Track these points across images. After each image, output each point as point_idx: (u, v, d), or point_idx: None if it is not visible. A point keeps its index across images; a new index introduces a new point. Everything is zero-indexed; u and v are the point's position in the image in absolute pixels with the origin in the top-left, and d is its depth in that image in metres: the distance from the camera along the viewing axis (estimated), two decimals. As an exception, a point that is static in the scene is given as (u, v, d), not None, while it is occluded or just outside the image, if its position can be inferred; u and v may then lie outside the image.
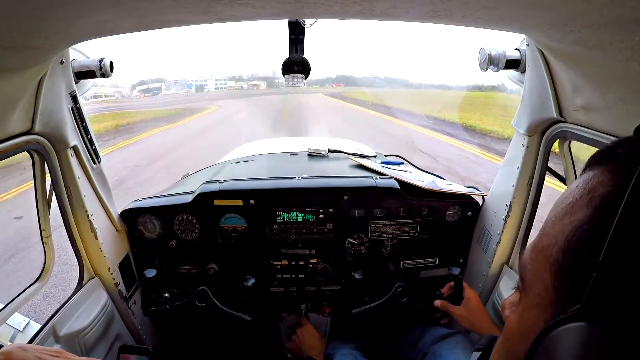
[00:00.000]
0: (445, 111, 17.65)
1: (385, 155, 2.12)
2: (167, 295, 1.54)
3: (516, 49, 1.16)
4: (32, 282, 1.20)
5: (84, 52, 1.17)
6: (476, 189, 1.59)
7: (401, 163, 1.86)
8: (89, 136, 1.24)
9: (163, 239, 1.52)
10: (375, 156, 2.06)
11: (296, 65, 1.30)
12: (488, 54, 1.16)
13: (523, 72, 1.15)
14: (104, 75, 1.17)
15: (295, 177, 1.51)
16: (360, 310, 1.55)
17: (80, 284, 1.32)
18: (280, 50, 1.31)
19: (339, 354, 1.42)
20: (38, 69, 0.91)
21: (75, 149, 1.19)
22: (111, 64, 1.17)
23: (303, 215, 1.50)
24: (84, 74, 1.16)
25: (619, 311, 0.29)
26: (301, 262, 1.57)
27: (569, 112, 0.99)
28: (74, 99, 1.15)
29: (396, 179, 1.51)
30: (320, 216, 1.50)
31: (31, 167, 1.15)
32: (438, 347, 1.31)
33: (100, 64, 1.14)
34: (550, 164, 1.22)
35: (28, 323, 1.26)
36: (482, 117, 15.30)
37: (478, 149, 9.82)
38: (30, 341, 1.09)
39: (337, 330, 1.89)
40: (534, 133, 1.18)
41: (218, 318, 1.57)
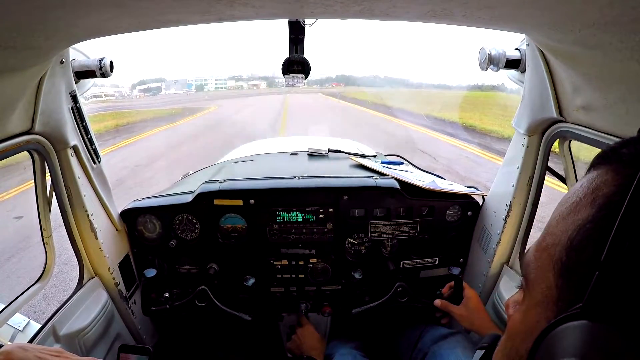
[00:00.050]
0: (446, 111, 17.63)
1: (385, 155, 2.12)
2: (167, 295, 1.54)
3: (516, 49, 1.16)
4: (33, 283, 1.20)
5: (84, 52, 1.17)
6: (476, 188, 1.59)
7: (401, 163, 1.86)
8: (89, 136, 1.24)
9: (163, 238, 1.52)
10: (375, 156, 2.06)
11: (296, 65, 1.29)
12: (488, 53, 1.16)
13: (523, 72, 1.15)
14: (104, 75, 1.17)
15: (295, 177, 1.51)
16: (360, 310, 1.56)
17: (80, 284, 1.32)
18: (280, 50, 1.31)
19: (338, 354, 1.42)
20: (38, 69, 0.91)
21: (75, 148, 1.19)
22: (111, 63, 1.17)
23: (303, 215, 1.50)
24: (84, 74, 1.16)
25: (621, 310, 0.29)
26: (301, 262, 1.57)
27: (569, 112, 0.99)
28: (74, 98, 1.15)
29: (396, 179, 1.51)
30: (320, 216, 1.50)
31: (31, 167, 1.15)
32: (438, 347, 1.31)
33: (100, 64, 1.14)
34: (550, 164, 1.22)
35: (28, 323, 1.26)
36: (482, 116, 15.28)
37: (478, 148, 9.82)
38: (30, 341, 1.09)
39: (337, 330, 1.89)
40: (534, 133, 1.18)
41: (218, 318, 1.57)
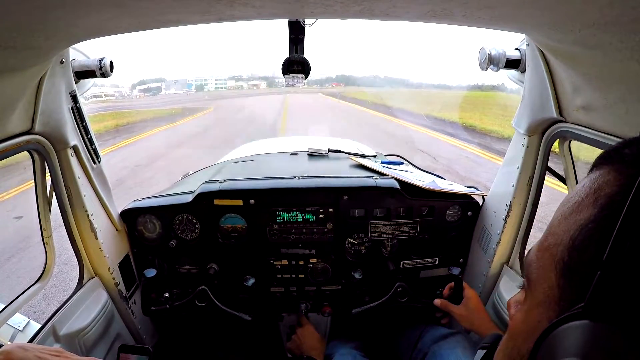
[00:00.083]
0: (445, 111, 17.64)
1: (385, 155, 2.12)
2: (167, 295, 1.54)
3: (516, 49, 1.16)
4: (33, 283, 1.20)
5: (84, 52, 1.17)
6: (476, 188, 1.59)
7: (401, 163, 1.86)
8: (89, 136, 1.24)
9: (163, 238, 1.52)
10: (375, 156, 2.06)
11: (296, 65, 1.29)
12: (488, 53, 1.16)
13: (523, 71, 1.15)
14: (104, 75, 1.17)
15: (295, 177, 1.51)
16: (360, 310, 1.56)
17: (80, 284, 1.32)
18: (280, 50, 1.31)
19: (338, 354, 1.42)
20: (38, 69, 0.91)
21: (75, 148, 1.19)
22: (111, 63, 1.17)
23: (303, 215, 1.50)
24: (84, 74, 1.16)
25: (622, 309, 0.29)
26: (301, 262, 1.57)
27: (569, 112, 0.99)
28: (74, 98, 1.15)
29: (396, 179, 1.50)
30: (320, 216, 1.50)
31: (31, 167, 1.15)
32: (438, 347, 1.31)
33: (100, 64, 1.14)
34: (550, 164, 1.22)
35: (28, 323, 1.26)
36: (482, 116, 15.29)
37: (478, 148, 9.82)
38: (30, 341, 1.09)
39: (337, 330, 1.89)
40: (534, 133, 1.18)
41: (218, 318, 1.57)
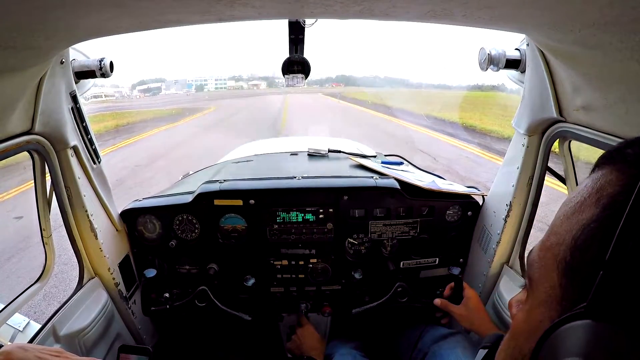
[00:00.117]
0: (445, 111, 17.63)
1: (385, 155, 2.12)
2: (167, 295, 1.54)
3: (516, 49, 1.16)
4: (32, 283, 1.20)
5: (84, 52, 1.17)
6: (476, 188, 1.59)
7: (401, 163, 1.86)
8: (89, 136, 1.24)
9: (163, 239, 1.52)
10: (375, 156, 2.06)
11: (296, 65, 1.29)
12: (488, 53, 1.16)
13: (523, 72, 1.15)
14: (104, 75, 1.17)
15: (295, 177, 1.51)
16: (360, 310, 1.56)
17: (80, 284, 1.32)
18: (280, 50, 1.31)
19: (338, 354, 1.42)
20: (38, 69, 0.91)
21: (75, 149, 1.19)
22: (111, 64, 1.17)
23: (303, 215, 1.50)
24: (84, 74, 1.16)
25: (625, 309, 0.29)
26: (301, 262, 1.57)
27: (569, 112, 0.99)
28: (74, 99, 1.15)
29: (396, 179, 1.50)
30: (320, 216, 1.50)
31: (31, 167, 1.15)
32: (438, 347, 1.31)
33: (100, 64, 1.14)
34: (550, 164, 1.22)
35: (28, 323, 1.26)
36: (482, 116, 15.28)
37: (478, 148, 9.81)
38: (31, 341, 1.09)
39: (337, 330, 1.89)
40: (534, 133, 1.18)
41: (218, 318, 1.57)
